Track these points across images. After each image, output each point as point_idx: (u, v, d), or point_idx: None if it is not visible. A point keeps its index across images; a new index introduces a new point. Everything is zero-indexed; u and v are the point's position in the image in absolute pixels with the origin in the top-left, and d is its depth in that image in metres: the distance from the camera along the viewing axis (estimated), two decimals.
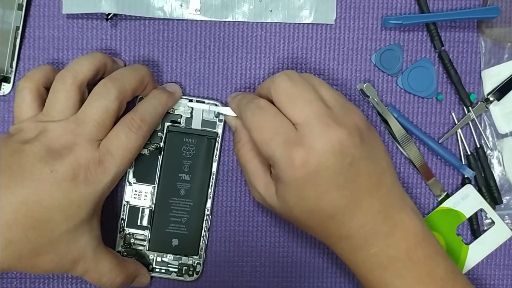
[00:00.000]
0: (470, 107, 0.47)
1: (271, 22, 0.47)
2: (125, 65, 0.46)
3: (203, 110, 0.45)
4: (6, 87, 0.46)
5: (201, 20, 0.47)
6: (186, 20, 0.47)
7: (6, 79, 0.46)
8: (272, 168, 0.39)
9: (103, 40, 0.47)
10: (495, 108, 0.47)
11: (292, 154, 0.37)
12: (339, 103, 0.39)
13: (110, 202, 0.46)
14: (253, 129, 0.39)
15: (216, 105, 0.45)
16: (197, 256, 0.46)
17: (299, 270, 0.47)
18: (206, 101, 0.45)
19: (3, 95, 0.46)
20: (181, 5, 0.46)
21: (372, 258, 0.38)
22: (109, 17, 0.46)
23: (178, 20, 0.47)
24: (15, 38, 0.46)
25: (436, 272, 0.38)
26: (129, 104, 0.42)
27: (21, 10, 0.45)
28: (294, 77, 0.40)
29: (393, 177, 0.40)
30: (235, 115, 0.44)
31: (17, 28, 0.45)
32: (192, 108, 0.45)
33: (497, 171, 0.48)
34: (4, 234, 0.36)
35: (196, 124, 0.45)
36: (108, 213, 0.45)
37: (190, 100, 0.45)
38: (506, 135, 0.48)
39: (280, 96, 0.39)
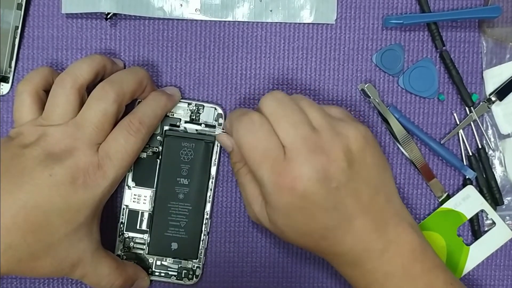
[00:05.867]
0: (472, 108, 0.47)
1: (271, 22, 0.46)
2: (125, 66, 0.46)
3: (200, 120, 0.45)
4: (5, 87, 0.46)
5: (201, 20, 0.46)
6: (186, 20, 0.46)
7: (5, 79, 0.46)
8: (261, 189, 0.39)
9: (102, 40, 0.46)
10: (497, 109, 0.47)
11: (278, 180, 0.37)
12: (329, 125, 0.38)
13: (109, 206, 0.46)
14: (244, 147, 0.38)
15: (215, 108, 0.45)
16: (196, 259, 0.46)
17: (299, 270, 0.47)
18: (205, 105, 0.45)
19: (2, 95, 0.46)
20: (181, 5, 0.46)
21: (368, 274, 0.39)
22: (108, 16, 0.45)
23: (178, 20, 0.46)
24: (14, 38, 0.45)
25: (434, 285, 0.38)
26: (129, 107, 0.42)
27: (20, 10, 0.45)
28: (280, 98, 0.39)
29: (388, 193, 0.40)
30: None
31: (16, 27, 0.45)
32: (191, 112, 0.45)
33: (498, 172, 0.47)
34: (3, 238, 0.36)
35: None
36: (107, 217, 0.45)
37: (189, 104, 0.45)
38: (508, 136, 0.47)
39: (268, 117, 0.39)
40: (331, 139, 0.38)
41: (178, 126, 0.45)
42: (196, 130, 0.45)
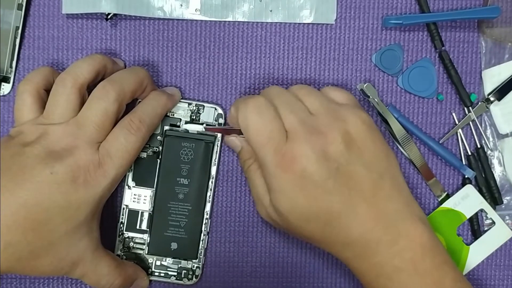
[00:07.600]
0: (470, 107, 0.47)
1: (271, 22, 0.47)
2: (125, 66, 0.46)
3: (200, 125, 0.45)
4: (6, 87, 0.46)
5: (201, 20, 0.47)
6: (186, 20, 0.46)
7: (6, 79, 0.46)
8: (263, 172, 0.40)
9: (103, 40, 0.47)
10: (496, 108, 0.47)
11: (279, 161, 0.38)
12: (326, 109, 0.39)
13: (109, 206, 0.46)
14: (250, 129, 0.39)
15: (215, 108, 0.45)
16: (196, 260, 0.46)
17: (299, 270, 0.47)
18: (206, 105, 0.45)
19: (3, 95, 0.46)
20: (181, 5, 0.46)
21: (377, 267, 0.38)
22: (109, 17, 0.45)
23: (178, 20, 0.46)
24: (15, 38, 0.45)
25: (443, 282, 0.38)
26: (129, 108, 0.42)
27: (21, 10, 0.45)
28: (279, 89, 0.41)
29: (395, 181, 0.39)
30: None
31: (17, 28, 0.45)
32: (191, 112, 0.45)
33: (497, 171, 0.48)
34: (3, 236, 0.36)
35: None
36: (107, 216, 0.45)
37: (189, 104, 0.45)
38: (506, 135, 0.48)
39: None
40: (328, 122, 0.38)
41: (179, 126, 0.45)
42: (197, 131, 0.45)
